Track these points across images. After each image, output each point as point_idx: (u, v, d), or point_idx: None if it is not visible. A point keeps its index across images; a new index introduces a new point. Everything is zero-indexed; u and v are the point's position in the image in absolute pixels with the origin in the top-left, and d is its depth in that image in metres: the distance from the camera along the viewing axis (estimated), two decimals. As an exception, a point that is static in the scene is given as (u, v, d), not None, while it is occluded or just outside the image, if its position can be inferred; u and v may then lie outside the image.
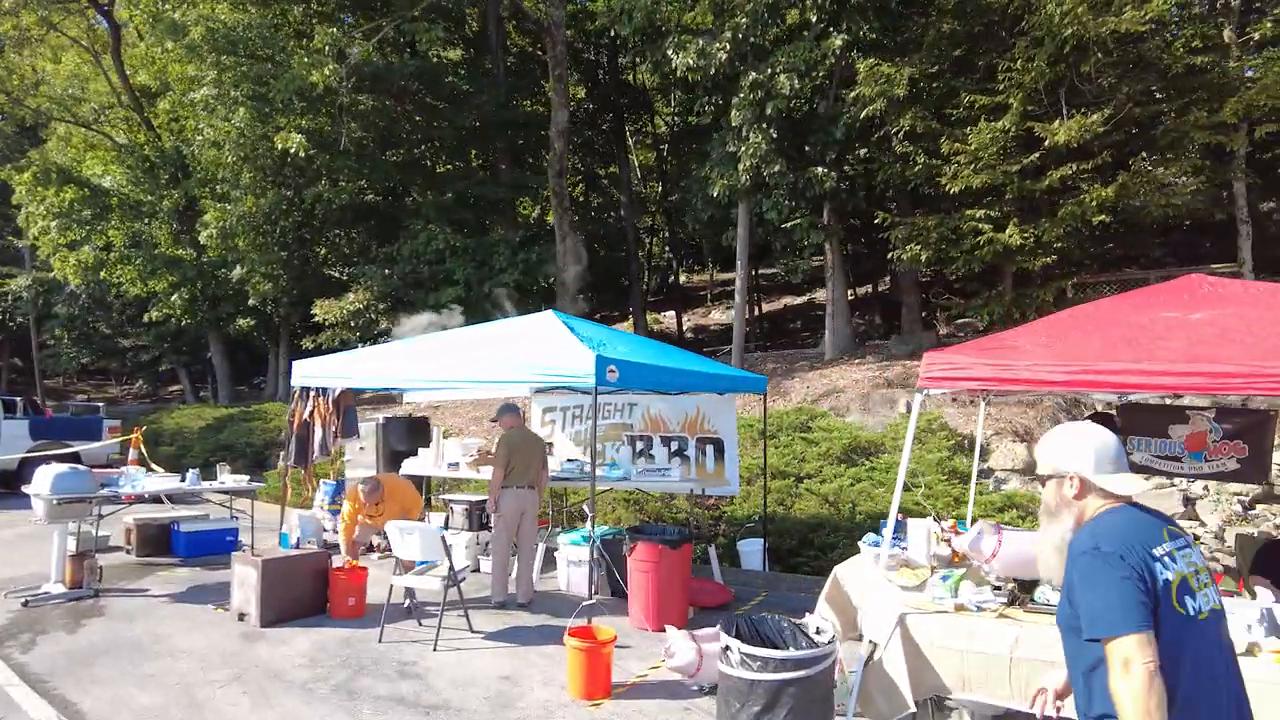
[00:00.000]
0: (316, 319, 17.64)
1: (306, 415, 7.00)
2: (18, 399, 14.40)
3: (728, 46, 12.14)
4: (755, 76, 12.00)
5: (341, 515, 6.71)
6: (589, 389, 5.43)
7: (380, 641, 5.82)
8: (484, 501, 8.67)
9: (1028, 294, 12.79)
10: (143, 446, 11.86)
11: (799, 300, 31.31)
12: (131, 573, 8.04)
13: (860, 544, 5.39)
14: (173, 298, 21.15)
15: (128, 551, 9.03)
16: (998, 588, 4.20)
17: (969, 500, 9.02)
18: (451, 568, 5.82)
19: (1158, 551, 1.95)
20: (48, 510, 6.78)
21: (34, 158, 21.07)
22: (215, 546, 9.07)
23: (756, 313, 27.48)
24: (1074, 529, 2.12)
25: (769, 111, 12.13)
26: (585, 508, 5.66)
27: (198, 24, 14.53)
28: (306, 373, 6.86)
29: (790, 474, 9.68)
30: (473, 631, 6.09)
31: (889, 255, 12.91)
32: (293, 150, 13.79)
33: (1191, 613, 1.93)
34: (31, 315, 27.57)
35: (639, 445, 8.71)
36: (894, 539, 5.33)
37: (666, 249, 34.02)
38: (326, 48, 13.83)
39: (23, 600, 6.69)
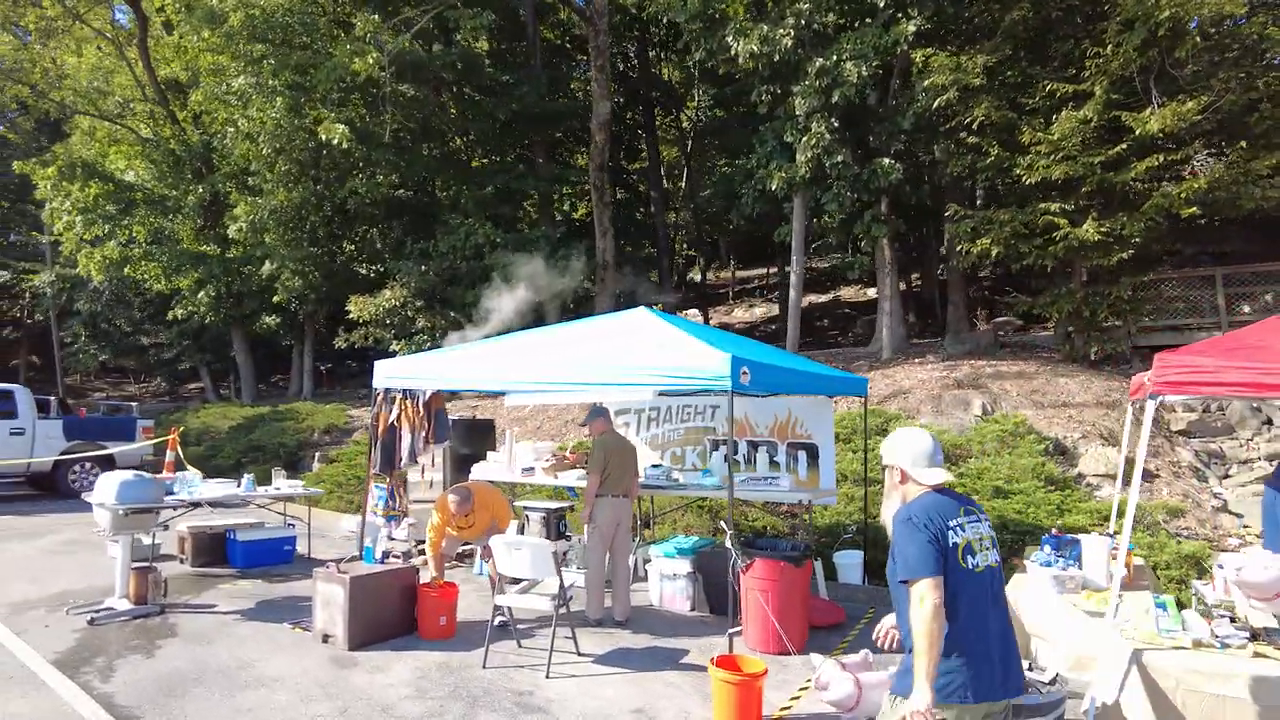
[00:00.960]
0: (351, 316, 17.16)
1: (393, 419, 6.54)
2: (51, 398, 13.97)
3: (792, 32, 11.64)
4: (822, 63, 11.49)
5: (429, 526, 6.23)
6: (721, 391, 4.95)
7: (485, 667, 5.35)
8: (562, 509, 8.22)
9: (1098, 291, 12.28)
10: (180, 448, 11.46)
11: (824, 298, 30.83)
12: (191, 585, 7.58)
13: (1026, 561, 4.91)
14: (199, 295, 20.71)
15: (181, 561, 8.58)
16: (1233, 619, 3.71)
17: (1070, 508, 8.59)
18: (562, 586, 5.36)
19: (952, 522, 2.68)
20: (114, 521, 6.33)
21: (59, 152, 20.60)
22: (273, 556, 8.62)
23: (783, 311, 27.05)
24: (900, 506, 2.83)
25: (835, 99, 11.62)
26: (723, 523, 5.17)
27: (236, 10, 14.04)
28: (391, 373, 6.38)
29: (876, 480, 9.18)
30: (580, 655, 5.62)
31: (960, 249, 12.38)
32: (335, 141, 13.30)
33: (970, 567, 2.66)
34: (53, 312, 27.16)
35: (721, 450, 8.23)
36: (1063, 557, 4.86)
37: (685, 246, 33.55)
38: (368, 35, 13.34)
39: (88, 618, 6.24)
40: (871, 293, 28.17)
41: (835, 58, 11.65)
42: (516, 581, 5.94)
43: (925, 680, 2.49)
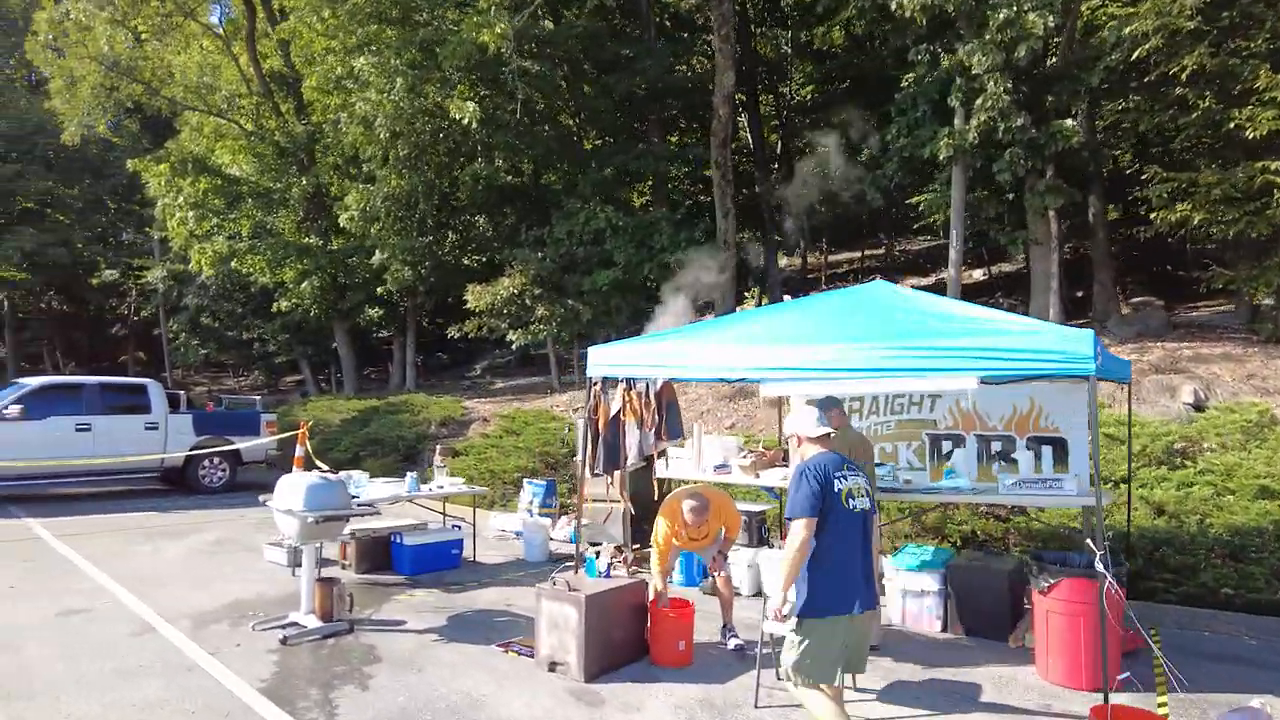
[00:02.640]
0: (467, 305, 16.64)
1: (615, 412, 5.77)
2: (181, 393, 13.79)
3: (969, -20, 10.50)
4: (1006, 14, 10.30)
5: (656, 535, 5.43)
6: (1079, 376, 4.00)
7: (758, 706, 4.53)
8: (762, 512, 7.37)
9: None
10: (309, 443, 10.98)
11: (925, 281, 29.41)
12: (366, 597, 6.95)
13: None
14: (302, 285, 20.47)
15: (344, 567, 7.99)
16: None
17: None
18: (847, 613, 4.47)
19: (836, 474, 3.64)
20: (302, 530, 5.69)
21: (171, 149, 20.66)
22: (441, 561, 7.99)
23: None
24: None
25: (1020, 54, 10.43)
26: (1090, 543, 4.22)
27: (360, -14, 13.59)
28: (609, 360, 5.57)
29: (1104, 478, 8.06)
30: (857, 689, 4.75)
31: (1155, 217, 11.04)
32: (465, 120, 12.67)
33: (850, 508, 3.62)
34: (163, 308, 27.59)
35: (944, 446, 7.24)
36: None
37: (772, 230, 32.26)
38: (493, 8, 12.67)
39: (279, 636, 5.63)
40: (979, 274, 26.69)
41: (1015, 8, 10.45)
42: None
43: (782, 590, 3.59)
